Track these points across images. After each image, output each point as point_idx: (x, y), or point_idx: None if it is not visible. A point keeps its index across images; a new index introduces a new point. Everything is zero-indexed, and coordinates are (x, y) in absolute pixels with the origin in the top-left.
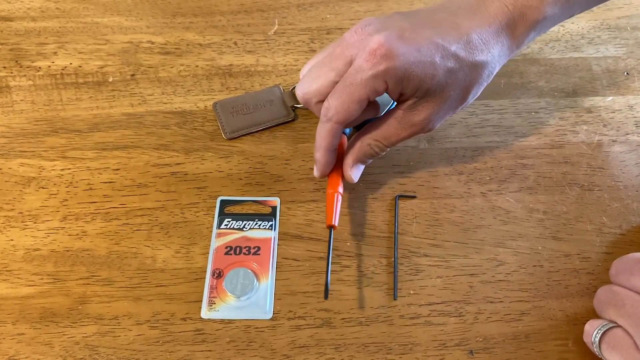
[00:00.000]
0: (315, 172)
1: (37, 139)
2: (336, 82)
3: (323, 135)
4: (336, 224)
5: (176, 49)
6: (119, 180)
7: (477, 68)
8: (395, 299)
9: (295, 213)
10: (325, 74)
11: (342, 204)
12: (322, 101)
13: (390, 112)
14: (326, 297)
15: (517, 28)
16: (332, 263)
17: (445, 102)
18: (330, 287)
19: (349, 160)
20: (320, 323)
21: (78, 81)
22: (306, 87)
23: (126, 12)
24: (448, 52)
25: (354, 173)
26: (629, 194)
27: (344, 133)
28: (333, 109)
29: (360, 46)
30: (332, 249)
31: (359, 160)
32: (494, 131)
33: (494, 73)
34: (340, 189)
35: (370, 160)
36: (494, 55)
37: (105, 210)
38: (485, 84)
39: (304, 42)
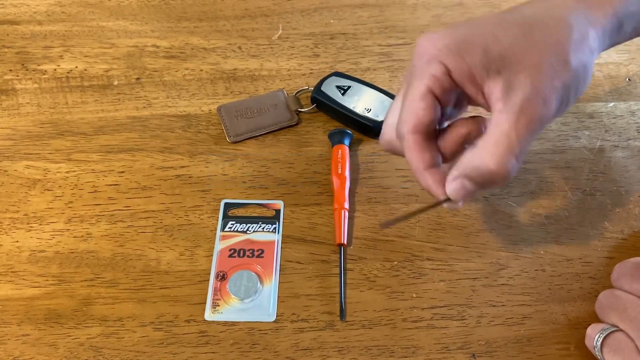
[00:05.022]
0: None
1: (43, 141)
2: None
3: (408, 155)
4: (345, 242)
5: (181, 53)
6: (123, 183)
7: (557, 24)
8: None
9: (299, 216)
10: (395, 104)
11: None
12: None
13: (492, 117)
14: (342, 317)
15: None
16: (336, 267)
17: (541, 68)
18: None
19: (454, 173)
20: (323, 326)
21: (83, 84)
22: (383, 131)
23: (131, 17)
24: (507, 22)
25: (452, 186)
26: (630, 199)
27: (343, 143)
28: (401, 122)
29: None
30: (342, 265)
31: (472, 181)
32: None
33: (588, 39)
34: (346, 205)
35: (481, 190)
36: (575, 16)
37: (110, 213)
38: (585, 49)
39: (307, 46)
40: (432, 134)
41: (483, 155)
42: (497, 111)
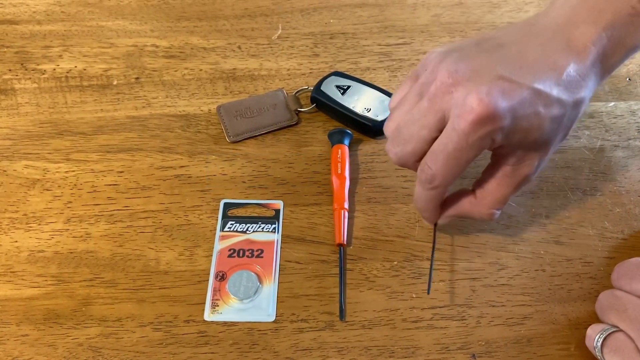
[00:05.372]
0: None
1: (42, 141)
2: (431, 140)
3: (430, 201)
4: (344, 242)
5: (180, 52)
6: (123, 183)
7: (578, 106)
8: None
9: (298, 216)
10: (417, 133)
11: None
12: (420, 160)
13: (494, 171)
14: (342, 317)
15: (613, 56)
16: (335, 267)
17: (550, 150)
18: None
19: (451, 213)
20: (323, 326)
21: (83, 84)
22: (400, 150)
23: (131, 16)
24: (551, 99)
25: (446, 220)
26: (631, 199)
27: (343, 143)
28: (440, 177)
29: (452, 102)
30: (342, 265)
31: (461, 217)
32: None
33: (586, 106)
34: (346, 204)
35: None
36: (590, 88)
37: (109, 213)
38: (579, 117)
39: (307, 46)
40: None
41: (481, 210)
42: (503, 173)
